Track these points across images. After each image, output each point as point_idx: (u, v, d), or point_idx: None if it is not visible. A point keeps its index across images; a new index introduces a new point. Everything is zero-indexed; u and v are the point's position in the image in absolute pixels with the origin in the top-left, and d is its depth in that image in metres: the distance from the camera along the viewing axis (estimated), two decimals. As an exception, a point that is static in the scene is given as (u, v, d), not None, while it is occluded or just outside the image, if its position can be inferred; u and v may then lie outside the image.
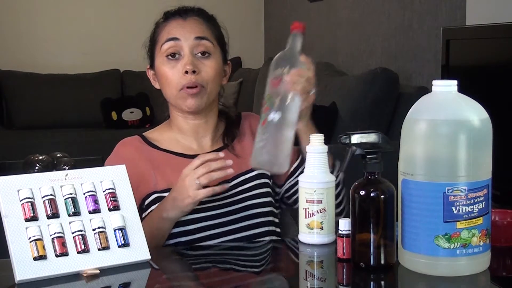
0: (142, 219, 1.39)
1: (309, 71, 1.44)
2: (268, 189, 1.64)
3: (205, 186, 1.43)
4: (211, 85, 1.60)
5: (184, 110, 1.62)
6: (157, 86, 1.68)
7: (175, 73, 1.59)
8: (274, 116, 1.42)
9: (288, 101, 1.43)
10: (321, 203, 1.37)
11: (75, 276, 1.24)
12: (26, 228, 1.25)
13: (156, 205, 1.55)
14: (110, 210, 1.32)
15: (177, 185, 1.47)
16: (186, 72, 1.57)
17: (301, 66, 1.45)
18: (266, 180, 1.64)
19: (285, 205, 1.71)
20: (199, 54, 1.60)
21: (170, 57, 1.60)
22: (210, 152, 1.55)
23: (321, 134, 1.42)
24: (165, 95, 1.64)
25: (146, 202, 1.58)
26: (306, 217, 1.39)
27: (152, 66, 1.67)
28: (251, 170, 1.63)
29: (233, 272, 1.37)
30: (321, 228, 1.38)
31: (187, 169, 1.44)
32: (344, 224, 1.29)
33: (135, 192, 1.43)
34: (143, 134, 1.69)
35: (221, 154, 1.46)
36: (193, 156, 1.55)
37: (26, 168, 3.03)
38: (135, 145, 1.64)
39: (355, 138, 1.26)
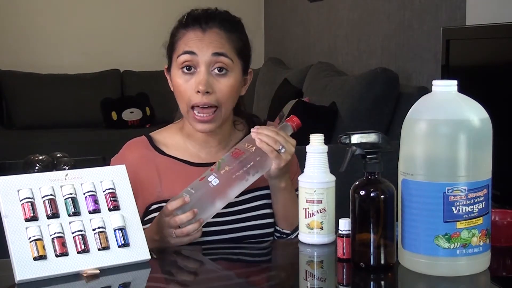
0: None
1: (277, 135, 1.45)
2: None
3: None
4: (226, 104, 1.54)
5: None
6: (172, 88, 1.61)
7: (188, 89, 1.53)
8: (214, 180, 1.43)
9: (234, 176, 1.45)
10: (321, 203, 1.38)
11: (75, 276, 1.24)
12: (26, 228, 1.25)
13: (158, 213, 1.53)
14: (110, 210, 1.32)
15: (158, 229, 1.45)
16: (198, 91, 1.51)
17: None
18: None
19: None
20: (216, 70, 1.53)
21: (185, 69, 1.54)
22: None
23: (321, 134, 1.42)
24: (179, 105, 1.59)
25: (149, 209, 1.56)
26: (306, 217, 1.39)
27: (169, 68, 1.61)
28: (261, 188, 1.59)
29: (233, 272, 1.37)
30: (321, 228, 1.38)
31: (165, 218, 1.42)
32: (344, 224, 1.28)
33: (139, 199, 1.42)
34: (151, 134, 1.63)
35: (187, 199, 1.41)
36: (199, 165, 1.55)
37: (26, 168, 3.03)
38: (141, 150, 1.59)
39: (355, 138, 1.26)
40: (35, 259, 1.22)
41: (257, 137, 1.45)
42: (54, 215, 1.28)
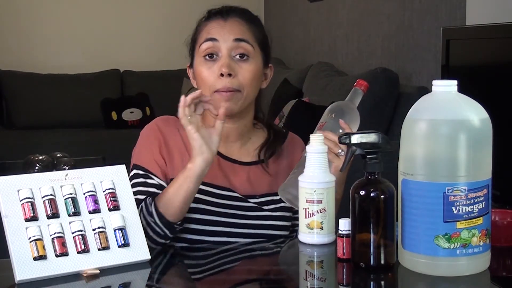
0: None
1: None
2: (291, 214, 1.61)
3: None
4: (248, 89, 1.56)
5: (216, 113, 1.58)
6: (194, 85, 1.63)
7: (211, 75, 1.55)
8: None
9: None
10: (321, 203, 1.38)
11: (75, 276, 1.25)
12: (26, 228, 1.25)
13: None
14: (110, 210, 1.33)
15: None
16: (222, 75, 1.53)
17: (338, 128, 1.51)
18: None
19: None
20: (237, 56, 1.55)
21: (207, 57, 1.56)
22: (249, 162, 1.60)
23: (321, 134, 1.42)
24: None
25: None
26: (306, 217, 1.39)
27: (191, 64, 1.63)
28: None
29: (232, 272, 1.37)
30: (321, 228, 1.38)
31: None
32: (344, 224, 1.29)
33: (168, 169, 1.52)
34: None
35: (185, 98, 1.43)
36: (226, 157, 1.59)
37: (26, 168, 3.02)
38: (174, 125, 1.61)
39: (355, 138, 1.26)
40: (35, 259, 1.22)
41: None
42: (54, 215, 1.28)
